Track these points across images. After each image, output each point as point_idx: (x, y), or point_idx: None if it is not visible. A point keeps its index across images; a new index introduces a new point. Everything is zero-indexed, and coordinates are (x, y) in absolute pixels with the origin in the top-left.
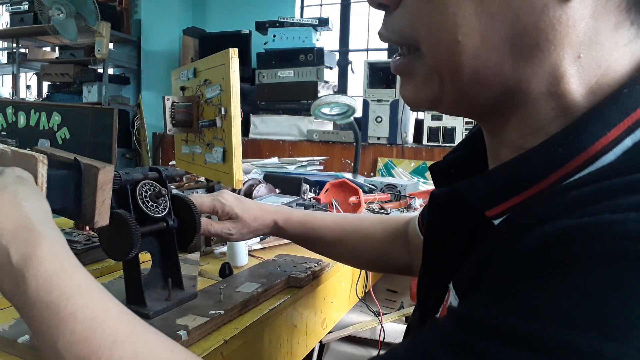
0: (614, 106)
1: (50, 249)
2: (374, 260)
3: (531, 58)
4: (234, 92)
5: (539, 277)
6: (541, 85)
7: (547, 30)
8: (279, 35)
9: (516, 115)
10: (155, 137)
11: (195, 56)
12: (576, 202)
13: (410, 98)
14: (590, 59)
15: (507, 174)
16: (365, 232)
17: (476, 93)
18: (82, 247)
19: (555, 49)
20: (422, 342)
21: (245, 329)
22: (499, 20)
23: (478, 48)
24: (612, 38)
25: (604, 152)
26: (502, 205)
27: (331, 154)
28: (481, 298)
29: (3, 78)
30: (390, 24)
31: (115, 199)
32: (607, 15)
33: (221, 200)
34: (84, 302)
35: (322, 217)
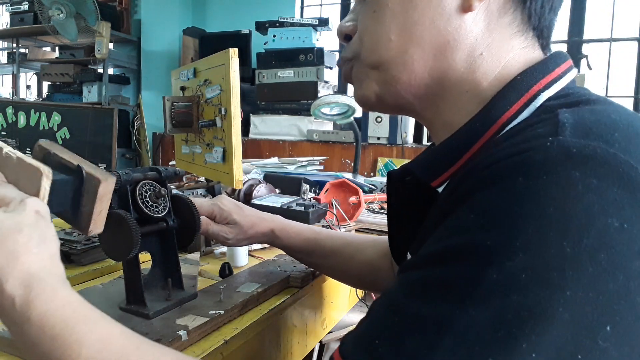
0: (511, 89)
1: (52, 292)
2: (362, 277)
3: (445, 52)
4: (234, 92)
5: (453, 210)
6: (457, 73)
7: (453, 33)
8: (279, 35)
9: (442, 99)
10: (155, 137)
11: (195, 56)
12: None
13: (359, 97)
14: (491, 56)
15: (443, 149)
16: (357, 247)
17: (408, 80)
18: (82, 247)
19: (460, 46)
20: (384, 300)
21: (245, 329)
22: (420, 24)
23: (406, 44)
24: (508, 44)
25: (509, 122)
26: (442, 176)
27: (331, 154)
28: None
29: (3, 78)
30: (348, 47)
31: (115, 199)
32: (501, 28)
33: (220, 205)
34: (89, 329)
35: (318, 230)
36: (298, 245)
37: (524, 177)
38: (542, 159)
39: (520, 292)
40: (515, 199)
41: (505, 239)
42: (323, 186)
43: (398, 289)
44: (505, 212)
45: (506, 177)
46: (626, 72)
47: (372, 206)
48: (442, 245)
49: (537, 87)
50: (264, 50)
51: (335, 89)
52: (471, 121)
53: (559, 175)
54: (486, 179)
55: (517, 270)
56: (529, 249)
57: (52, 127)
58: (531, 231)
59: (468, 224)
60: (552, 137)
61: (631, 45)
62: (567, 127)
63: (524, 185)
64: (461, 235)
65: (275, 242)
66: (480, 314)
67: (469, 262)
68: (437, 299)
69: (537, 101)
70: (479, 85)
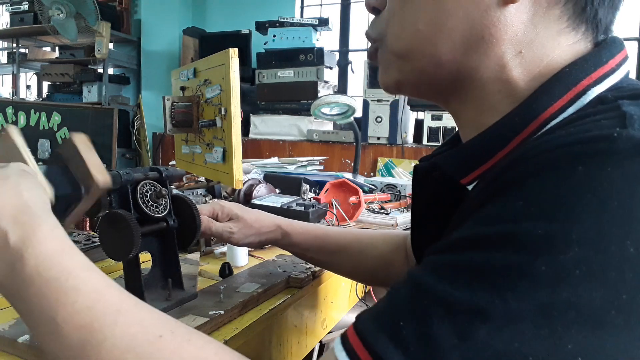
0: (557, 82)
1: (51, 231)
2: (374, 272)
3: (478, 48)
4: (234, 92)
5: (495, 197)
6: (489, 72)
7: (489, 27)
8: (279, 35)
9: (470, 96)
10: (155, 137)
11: (195, 56)
12: None
13: (380, 81)
14: (532, 54)
15: (476, 146)
16: (367, 242)
17: (432, 74)
18: (82, 247)
19: (497, 42)
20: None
21: (245, 329)
22: (452, 15)
23: (434, 36)
24: (554, 41)
25: (552, 119)
26: (473, 173)
27: (331, 154)
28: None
29: (3, 78)
30: (375, 23)
31: (115, 199)
32: (547, 23)
33: (220, 204)
34: (87, 276)
35: (324, 227)
36: (306, 242)
37: (585, 166)
38: (608, 149)
39: (571, 288)
40: (573, 188)
41: (559, 230)
42: (323, 186)
43: (426, 271)
44: (561, 201)
45: (564, 166)
46: None
47: (372, 206)
48: (482, 231)
49: (587, 82)
50: (264, 50)
51: (335, 89)
52: (508, 116)
53: (626, 169)
54: (538, 166)
55: (570, 265)
56: (587, 242)
57: (52, 127)
58: (590, 224)
59: (515, 212)
60: (620, 129)
61: (631, 45)
62: (636, 120)
63: (585, 174)
64: (506, 223)
65: (282, 240)
66: (523, 307)
67: (515, 250)
68: (475, 285)
69: (585, 97)
70: (514, 85)
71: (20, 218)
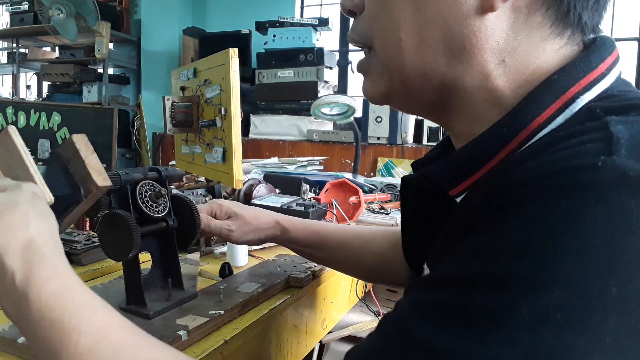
0: (545, 90)
1: (53, 269)
2: (375, 268)
3: (460, 58)
4: (234, 92)
5: (479, 228)
6: (473, 81)
7: (470, 36)
8: (279, 35)
9: (458, 107)
10: (155, 137)
11: (195, 56)
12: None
13: (368, 92)
14: (515, 62)
15: (464, 156)
16: (367, 239)
17: (419, 86)
18: (82, 247)
19: (479, 52)
20: (395, 318)
21: (245, 329)
22: (432, 24)
23: (417, 46)
24: (539, 47)
25: (540, 129)
26: (461, 185)
27: (331, 154)
28: (440, 263)
29: (3, 78)
30: (355, 27)
31: (115, 199)
32: (529, 30)
33: (218, 202)
34: (88, 316)
35: (324, 223)
36: (306, 238)
37: (568, 199)
38: (592, 180)
39: (552, 332)
40: (556, 225)
41: (540, 270)
42: (323, 186)
43: (411, 310)
44: (543, 238)
45: (547, 198)
46: (626, 72)
47: (372, 206)
48: (466, 269)
49: (576, 89)
50: (264, 50)
51: (335, 89)
52: (496, 126)
53: (610, 202)
54: (523, 197)
55: (551, 307)
56: (568, 284)
57: (52, 127)
58: (572, 264)
59: (498, 249)
60: (605, 156)
61: (631, 45)
62: (623, 144)
63: (567, 209)
64: (489, 261)
65: (282, 236)
66: (505, 352)
67: (497, 292)
68: (456, 329)
69: (574, 105)
70: (500, 94)
71: (26, 255)
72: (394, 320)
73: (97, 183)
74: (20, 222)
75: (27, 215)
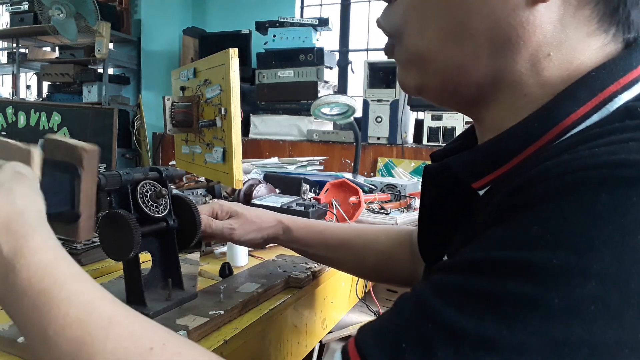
0: (583, 86)
1: (43, 241)
2: (378, 268)
3: (504, 51)
4: (234, 92)
5: (511, 216)
6: (515, 75)
7: (517, 28)
8: (279, 35)
9: (495, 101)
10: (155, 137)
11: (195, 56)
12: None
13: (401, 82)
14: (560, 57)
15: (490, 149)
16: (370, 238)
17: (457, 80)
18: (82, 247)
19: (525, 44)
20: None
21: (245, 329)
22: (477, 13)
23: (456, 36)
24: (584, 43)
25: (574, 126)
26: (486, 178)
27: (331, 154)
28: (463, 251)
29: (3, 78)
30: (387, 13)
31: (115, 199)
32: (577, 24)
33: (219, 203)
34: (79, 289)
35: (326, 222)
36: (308, 237)
37: (609, 194)
38: (635, 178)
39: (584, 325)
40: (595, 218)
41: (577, 261)
42: (323, 186)
43: (433, 291)
44: (581, 230)
45: (586, 191)
46: None
47: (372, 206)
48: (494, 255)
49: (615, 87)
50: (264, 50)
51: (335, 89)
52: (527, 119)
53: None
54: (560, 188)
55: (586, 299)
56: (605, 278)
57: (52, 127)
58: (610, 258)
59: (531, 237)
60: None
61: None
62: None
63: (608, 203)
64: (522, 249)
65: (284, 236)
66: (533, 341)
67: (528, 280)
68: (483, 313)
69: (612, 104)
70: (541, 89)
71: (12, 227)
72: (414, 300)
73: (84, 147)
74: (5, 199)
75: (12, 192)
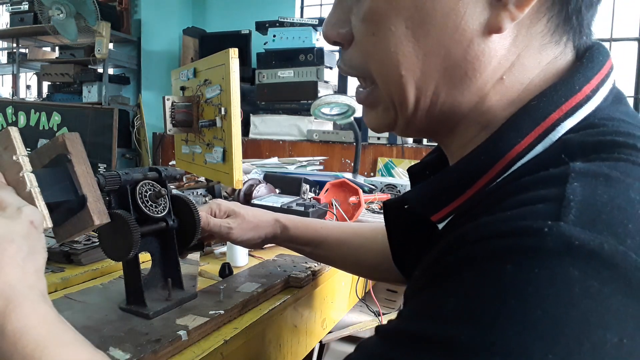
0: (525, 116)
1: (31, 308)
2: (376, 266)
3: (461, 85)
4: (234, 92)
5: (438, 283)
6: (470, 105)
7: (473, 61)
8: (279, 35)
9: (454, 131)
10: (155, 137)
11: (195, 56)
12: (476, 208)
13: (374, 125)
14: (512, 79)
15: (444, 182)
16: (368, 236)
17: (421, 116)
18: (82, 247)
19: (480, 75)
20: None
21: (245, 329)
22: (433, 55)
23: (419, 80)
24: (535, 59)
25: (519, 158)
26: (442, 211)
27: (331, 154)
28: (405, 309)
29: (3, 78)
30: (346, 59)
31: (114, 199)
32: (530, 40)
33: (217, 202)
34: (58, 352)
35: (324, 221)
36: (305, 236)
37: (513, 265)
38: (537, 247)
39: None
40: (499, 292)
41: (481, 338)
42: (323, 186)
43: (366, 357)
44: (487, 304)
45: (494, 262)
46: (626, 72)
47: (372, 206)
48: (414, 327)
49: (556, 115)
50: (264, 50)
51: (335, 89)
52: (475, 152)
53: (553, 271)
54: (471, 259)
55: None
56: (509, 353)
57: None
58: (512, 334)
59: (446, 310)
60: (552, 222)
61: (631, 45)
62: (572, 207)
63: (511, 276)
64: (438, 323)
65: (282, 235)
66: None
67: (441, 355)
68: None
69: (554, 133)
70: (494, 114)
71: (7, 293)
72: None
73: (63, 134)
74: (10, 259)
75: (19, 252)
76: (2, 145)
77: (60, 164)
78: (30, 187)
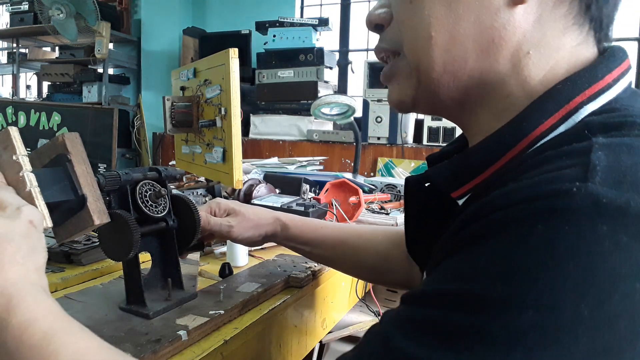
0: (549, 99)
1: (34, 302)
2: (375, 268)
3: (488, 52)
4: (234, 92)
5: (465, 248)
6: (498, 75)
7: (499, 30)
8: (279, 35)
9: (480, 105)
10: (155, 137)
11: (195, 56)
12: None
13: (394, 98)
14: (539, 55)
15: (467, 159)
16: (368, 237)
17: (447, 85)
18: (82, 247)
19: (507, 45)
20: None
21: (245, 329)
22: (464, 20)
23: (447, 43)
24: (559, 40)
25: (542, 137)
26: (464, 187)
27: (331, 154)
28: (429, 278)
29: (3, 78)
30: (384, 38)
31: (114, 199)
32: (554, 21)
33: (216, 201)
34: (67, 341)
35: (324, 221)
36: (305, 235)
37: (543, 225)
38: (566, 207)
39: (525, 351)
40: (530, 249)
41: (515, 292)
42: (323, 186)
43: (394, 324)
44: (518, 263)
45: (523, 224)
46: None
47: (372, 206)
48: (444, 288)
49: (580, 99)
50: (264, 50)
51: (335, 89)
52: (500, 131)
53: (583, 227)
54: (500, 223)
55: (524, 327)
56: (541, 306)
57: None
58: (545, 287)
59: (476, 270)
60: (580, 183)
61: (631, 45)
62: (599, 171)
63: (542, 234)
64: (469, 282)
65: (282, 233)
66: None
67: (473, 312)
68: (434, 344)
69: (577, 115)
70: (521, 89)
71: (8, 291)
72: (378, 332)
73: (62, 134)
74: (10, 258)
75: (19, 251)
76: (2, 145)
77: (60, 163)
78: (30, 186)
